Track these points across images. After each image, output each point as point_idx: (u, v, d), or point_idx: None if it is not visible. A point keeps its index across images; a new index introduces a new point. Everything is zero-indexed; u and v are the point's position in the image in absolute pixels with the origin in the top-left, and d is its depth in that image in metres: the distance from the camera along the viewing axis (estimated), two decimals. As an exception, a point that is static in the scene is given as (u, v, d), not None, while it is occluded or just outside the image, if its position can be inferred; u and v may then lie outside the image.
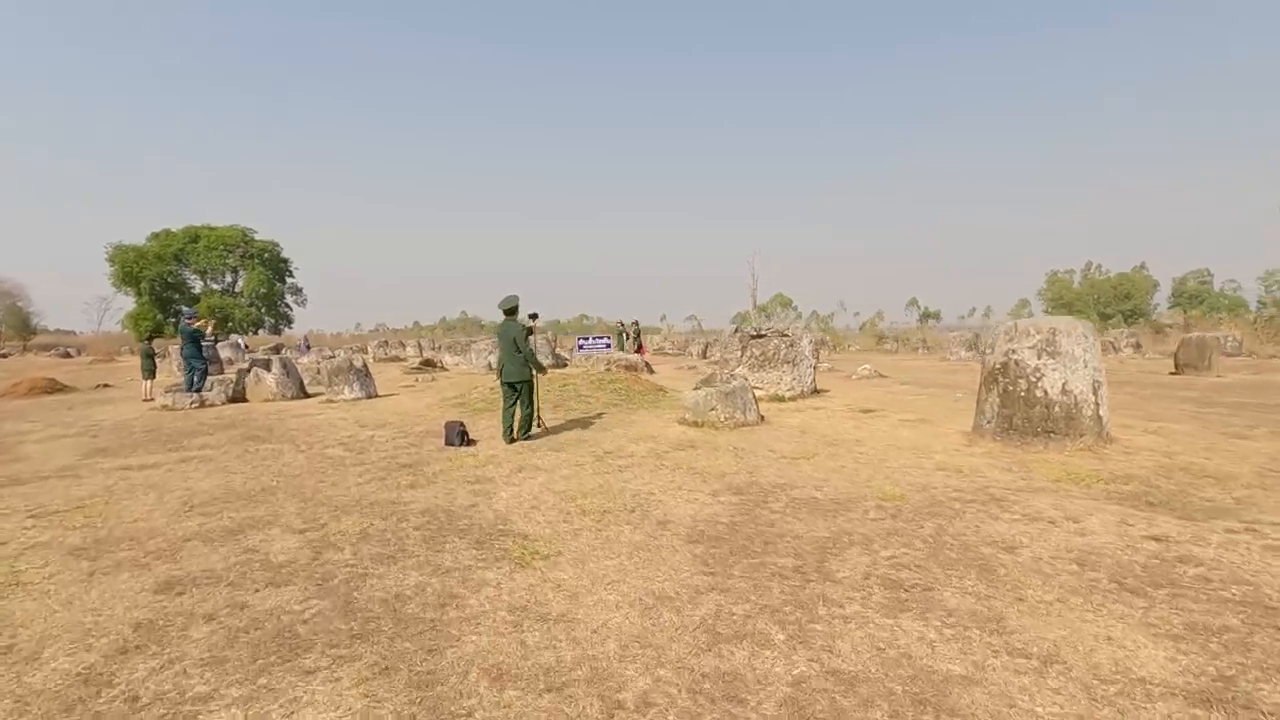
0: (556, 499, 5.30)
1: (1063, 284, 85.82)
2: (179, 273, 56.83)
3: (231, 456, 7.70)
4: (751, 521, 4.56)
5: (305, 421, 10.29)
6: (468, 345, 23.78)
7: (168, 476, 6.72)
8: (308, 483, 6.22)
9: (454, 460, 6.92)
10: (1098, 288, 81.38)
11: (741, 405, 8.38)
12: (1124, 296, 78.22)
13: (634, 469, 6.24)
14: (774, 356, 10.76)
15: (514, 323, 7.97)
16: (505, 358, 7.98)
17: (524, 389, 7.95)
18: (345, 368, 13.15)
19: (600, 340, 11.38)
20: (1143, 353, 24.56)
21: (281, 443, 8.50)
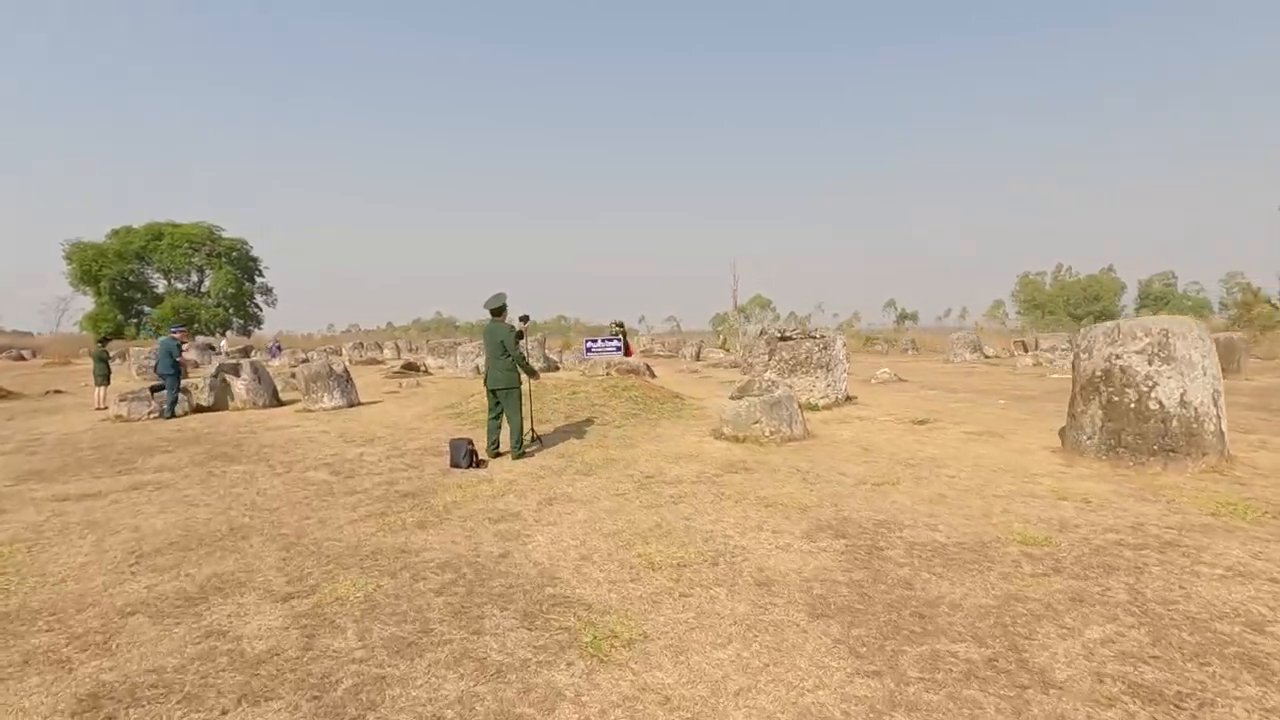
0: (610, 544, 4.21)
1: (1034, 285, 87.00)
2: (141, 272, 54.27)
3: (194, 481, 6.47)
4: (878, 579, 3.53)
5: (281, 435, 9.03)
6: (452, 347, 22.47)
7: (113, 510, 5.49)
8: (288, 519, 5.05)
9: (465, 487, 5.79)
10: (1068, 289, 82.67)
11: (787, 418, 7.37)
12: (1093, 298, 79.53)
13: (689, 499, 5.17)
14: (806, 360, 9.78)
15: (501, 323, 6.91)
16: (491, 361, 6.90)
17: (509, 397, 6.85)
18: (324, 373, 11.88)
19: (610, 342, 10.37)
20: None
21: (254, 463, 7.26)
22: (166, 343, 11.78)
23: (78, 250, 50.44)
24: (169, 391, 11.38)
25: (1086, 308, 76.10)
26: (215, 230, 55.53)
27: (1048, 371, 17.33)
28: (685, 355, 26.37)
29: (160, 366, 11.52)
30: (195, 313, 52.71)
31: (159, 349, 11.79)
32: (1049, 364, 19.36)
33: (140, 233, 53.03)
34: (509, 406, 6.89)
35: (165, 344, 11.74)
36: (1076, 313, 74.52)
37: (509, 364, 6.84)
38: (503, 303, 6.92)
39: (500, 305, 6.92)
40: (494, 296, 6.95)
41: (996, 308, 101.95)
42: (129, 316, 53.20)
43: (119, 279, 51.69)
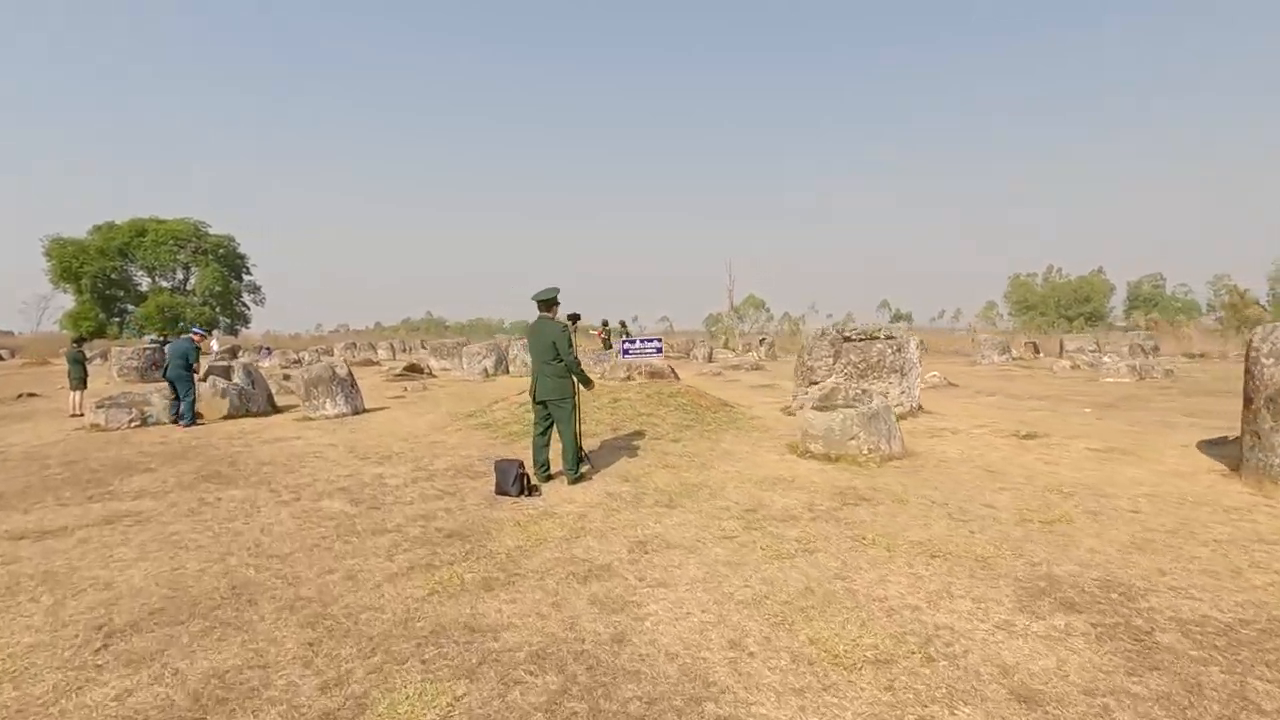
0: (758, 621, 3.09)
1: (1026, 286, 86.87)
2: (124, 269, 52.47)
3: (181, 512, 5.28)
4: (1193, 691, 2.43)
5: (281, 449, 7.84)
6: (456, 349, 21.25)
7: (80, 555, 4.30)
8: (307, 572, 3.89)
9: (525, 525, 4.65)
10: (1059, 290, 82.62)
11: (885, 432, 6.29)
12: (1084, 299, 79.54)
13: (823, 546, 4.06)
14: (878, 364, 8.70)
15: (551, 320, 5.77)
16: (539, 367, 5.77)
17: (562, 410, 5.72)
18: (326, 377, 10.67)
19: (650, 343, 9.27)
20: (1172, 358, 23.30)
21: (253, 486, 6.08)
22: (182, 344, 10.50)
23: (57, 246, 48.63)
24: (184, 398, 10.13)
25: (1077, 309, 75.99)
26: (201, 226, 53.80)
27: (1095, 375, 16.37)
28: (697, 356, 25.29)
29: (170, 371, 10.19)
30: (180, 311, 51.01)
31: (170, 351, 10.42)
32: (1088, 366, 18.44)
33: (123, 229, 51.24)
34: (561, 420, 5.74)
35: (180, 346, 10.45)
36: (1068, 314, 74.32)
37: (561, 370, 5.70)
38: (554, 295, 5.79)
39: (551, 298, 5.78)
40: (543, 290, 5.81)
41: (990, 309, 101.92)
42: (111, 315, 51.43)
43: (101, 276, 49.92)
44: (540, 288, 5.87)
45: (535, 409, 5.85)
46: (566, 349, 5.66)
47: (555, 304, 5.84)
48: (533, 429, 5.91)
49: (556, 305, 5.85)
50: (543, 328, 5.72)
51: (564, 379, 5.70)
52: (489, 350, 17.98)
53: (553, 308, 5.83)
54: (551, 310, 5.83)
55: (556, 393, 5.66)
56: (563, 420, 5.71)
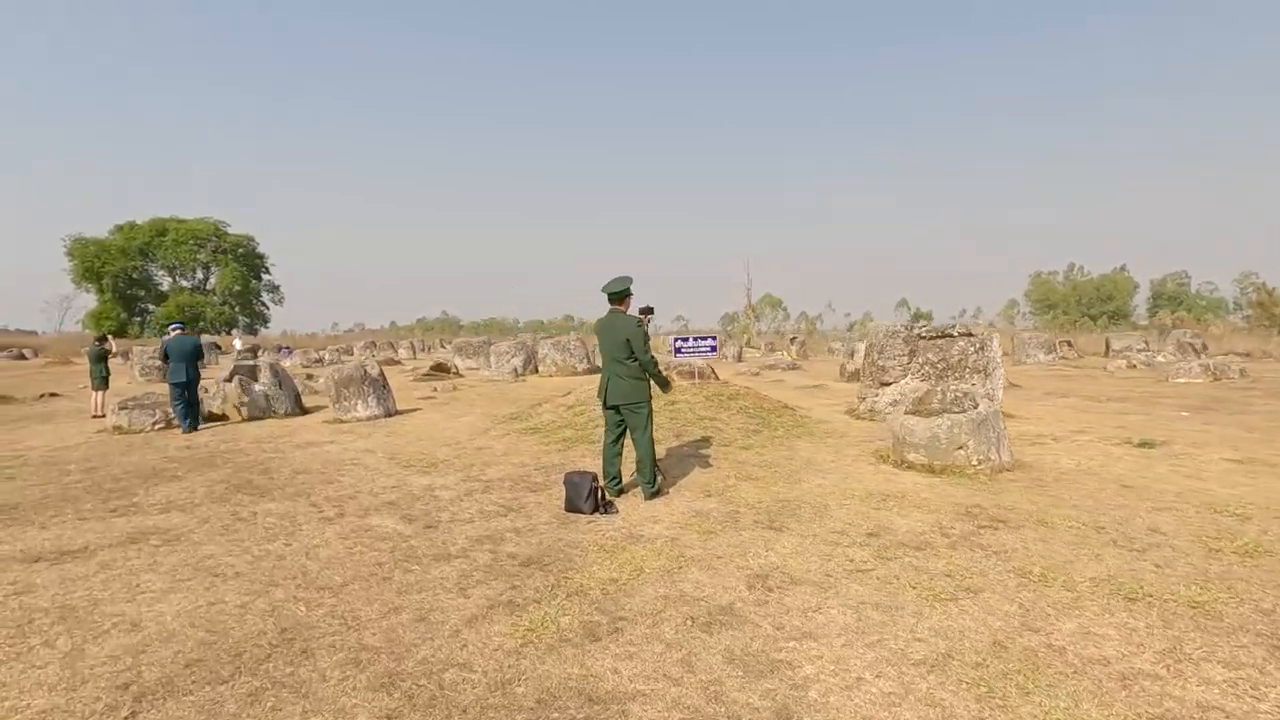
0: (956, 694, 2.42)
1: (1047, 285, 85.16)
2: (145, 269, 52.65)
3: (214, 530, 4.69)
4: None
5: (316, 456, 7.26)
6: (483, 347, 20.71)
7: (102, 585, 3.71)
8: (367, 610, 3.26)
9: (611, 550, 4.00)
10: (1080, 289, 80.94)
11: (994, 440, 5.58)
12: (1106, 298, 77.84)
13: (981, 584, 3.38)
14: (959, 364, 7.96)
15: (624, 315, 5.11)
16: (607, 366, 5.11)
17: (636, 416, 5.05)
18: (357, 377, 10.10)
19: (704, 341, 8.62)
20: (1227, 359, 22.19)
21: (291, 498, 5.49)
22: (190, 340, 9.82)
23: (80, 246, 48.85)
24: (184, 401, 9.43)
25: (1100, 307, 74.37)
26: (221, 226, 53.88)
27: (1158, 374, 15.45)
28: (727, 355, 24.58)
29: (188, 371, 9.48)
30: (201, 311, 51.08)
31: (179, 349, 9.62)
32: (1144, 365, 17.51)
33: (144, 228, 51.40)
34: (636, 427, 5.08)
35: (190, 341, 9.79)
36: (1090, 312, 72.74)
37: (635, 370, 5.04)
38: (626, 287, 5.13)
39: (623, 290, 5.13)
40: (615, 280, 5.16)
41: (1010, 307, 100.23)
42: (133, 314, 51.63)
43: (122, 276, 50.10)
44: (610, 278, 5.21)
45: (606, 414, 5.20)
46: (642, 347, 5.00)
47: (628, 296, 5.19)
48: (604, 436, 5.25)
49: (629, 298, 5.20)
50: (614, 323, 5.06)
51: (639, 381, 5.05)
52: (517, 349, 17.40)
53: (625, 300, 5.18)
54: (624, 303, 5.18)
55: (631, 396, 5.00)
56: (638, 427, 5.05)
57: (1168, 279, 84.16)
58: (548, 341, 17.41)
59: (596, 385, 5.54)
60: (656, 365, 5.14)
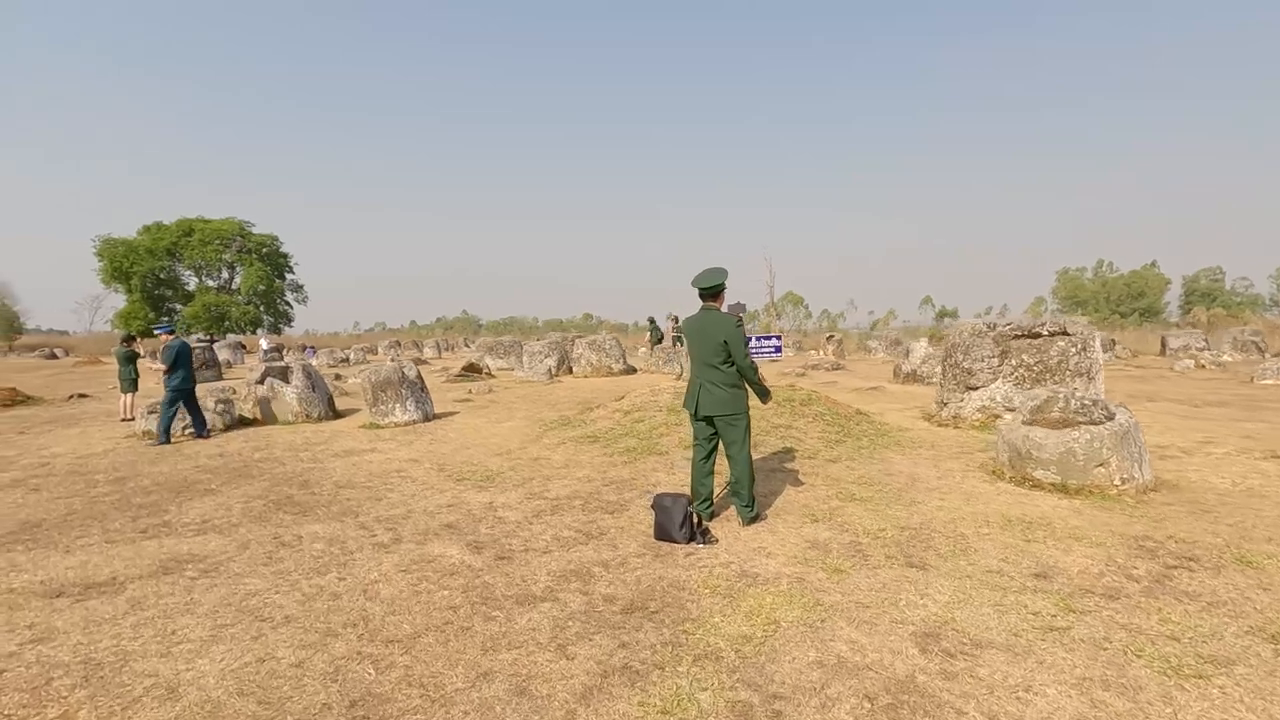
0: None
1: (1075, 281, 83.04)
2: (172, 268, 53.03)
3: (257, 558, 4.11)
4: None
5: (358, 467, 6.69)
6: (514, 347, 20.20)
7: (132, 632, 3.14)
8: (451, 679, 2.64)
9: (728, 594, 3.34)
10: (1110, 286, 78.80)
11: (1137, 456, 4.83)
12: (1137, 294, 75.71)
13: (1233, 655, 2.67)
14: (1058, 366, 7.19)
15: (717, 312, 4.44)
16: (699, 372, 4.43)
17: (733, 429, 4.37)
18: (395, 380, 9.56)
19: (768, 341, 7.96)
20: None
21: (337, 519, 4.91)
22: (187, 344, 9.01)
23: (108, 247, 49.28)
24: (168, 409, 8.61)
25: (1130, 304, 72.34)
26: (245, 226, 54.09)
27: (1239, 374, 14.45)
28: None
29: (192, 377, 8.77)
30: (226, 310, 51.34)
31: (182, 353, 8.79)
32: (1215, 366, 16.47)
33: (171, 229, 51.75)
34: (732, 442, 4.40)
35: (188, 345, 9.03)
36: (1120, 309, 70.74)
37: (732, 377, 4.36)
38: (721, 281, 4.46)
39: (717, 285, 4.46)
40: (708, 272, 4.50)
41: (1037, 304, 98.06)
42: (160, 314, 52.01)
43: (150, 276, 50.49)
44: (701, 271, 4.55)
45: (695, 426, 4.54)
46: (741, 350, 4.34)
47: (723, 291, 4.52)
48: (694, 452, 4.59)
49: (724, 293, 4.53)
50: (709, 322, 4.39)
51: (737, 389, 4.38)
52: (550, 349, 16.82)
53: (719, 296, 4.52)
54: (718, 299, 4.52)
55: (728, 406, 4.33)
56: (735, 442, 4.38)
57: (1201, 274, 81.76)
58: (583, 341, 16.81)
59: (640, 387, 4.91)
60: (757, 371, 4.47)
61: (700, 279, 4.47)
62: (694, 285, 4.51)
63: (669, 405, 7.67)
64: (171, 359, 8.59)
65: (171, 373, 8.58)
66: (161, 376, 8.71)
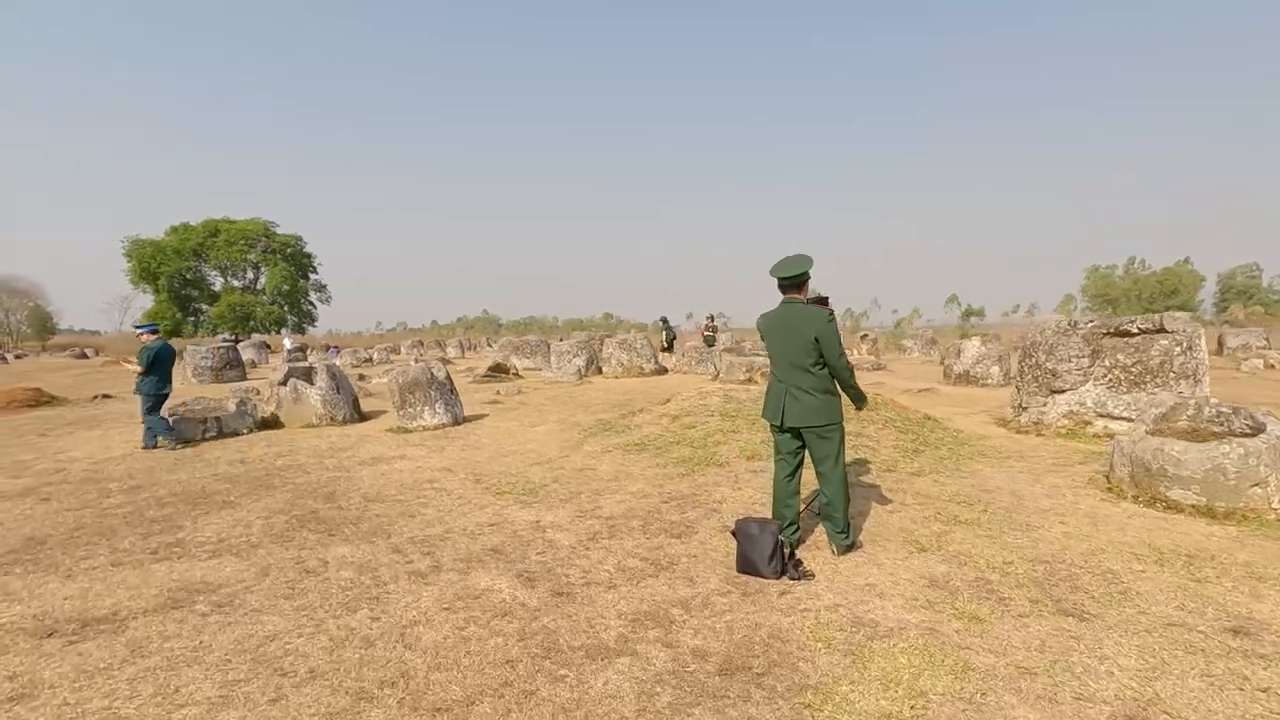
0: None
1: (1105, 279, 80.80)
2: (198, 269, 53.48)
3: (277, 590, 3.57)
4: None
5: (388, 476, 6.16)
6: (539, 347, 19.69)
7: (128, 687, 2.62)
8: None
9: (846, 650, 2.71)
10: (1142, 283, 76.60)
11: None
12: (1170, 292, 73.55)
13: None
14: (1160, 367, 6.42)
15: (803, 305, 3.79)
16: (783, 375, 3.79)
17: (825, 443, 3.72)
18: (424, 381, 9.04)
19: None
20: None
21: (367, 538, 4.36)
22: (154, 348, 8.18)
23: (137, 247, 49.80)
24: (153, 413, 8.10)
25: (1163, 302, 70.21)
26: (270, 226, 54.38)
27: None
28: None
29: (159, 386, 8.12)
30: (251, 310, 51.65)
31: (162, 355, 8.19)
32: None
33: (198, 229, 52.16)
34: (824, 457, 3.75)
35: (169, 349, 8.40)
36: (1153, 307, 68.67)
37: (824, 381, 3.72)
38: (805, 270, 3.82)
39: (801, 274, 3.82)
40: (790, 260, 3.86)
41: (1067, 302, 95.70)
42: (187, 314, 52.53)
43: (177, 276, 50.94)
44: (781, 258, 3.92)
45: (778, 439, 3.91)
46: (836, 348, 3.69)
47: (807, 281, 3.88)
48: (775, 468, 3.95)
49: (806, 283, 3.89)
50: (795, 317, 3.75)
51: (830, 395, 3.74)
52: (579, 348, 16.27)
53: (803, 287, 3.88)
54: (801, 290, 3.88)
55: (820, 416, 3.69)
56: (828, 457, 3.74)
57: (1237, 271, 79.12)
58: (612, 340, 16.23)
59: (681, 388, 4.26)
60: (853, 374, 3.82)
61: (781, 267, 3.84)
62: (774, 275, 3.88)
63: (721, 409, 7.04)
64: (148, 361, 8.04)
65: (147, 375, 8.03)
66: (135, 378, 8.12)
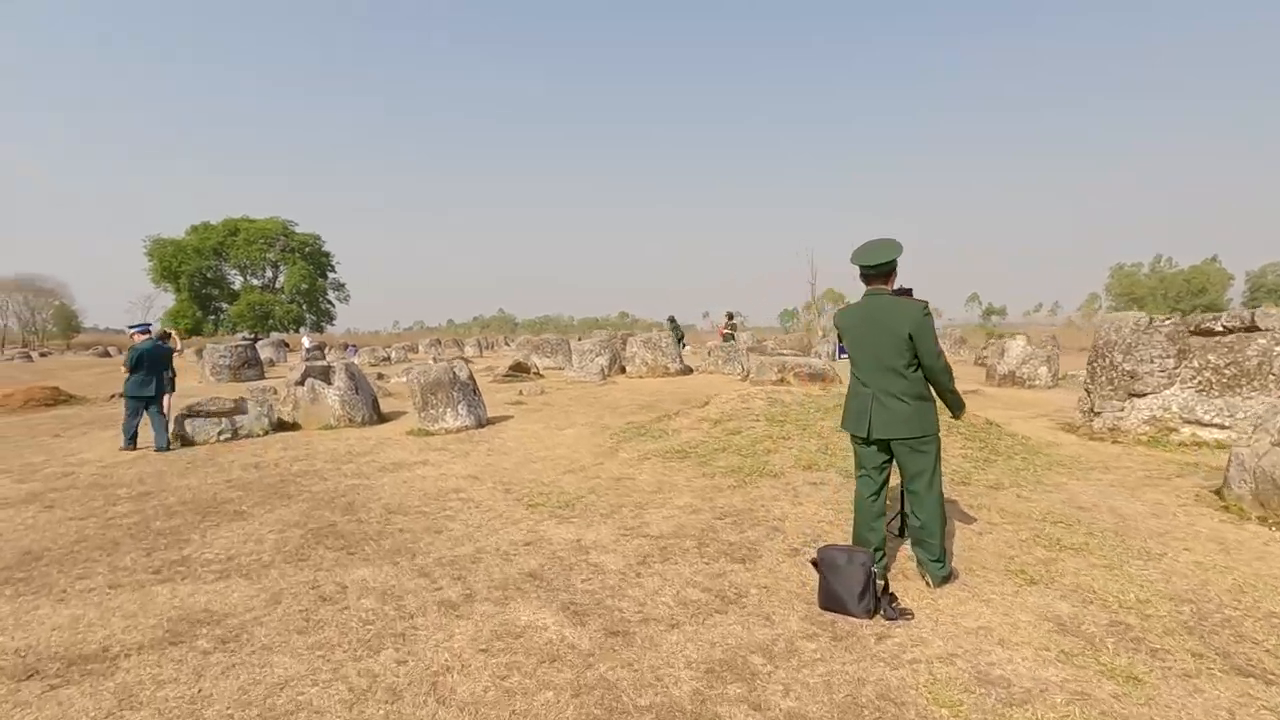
0: None
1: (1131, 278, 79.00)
2: (218, 268, 53.81)
3: (289, 623, 3.11)
4: None
5: (411, 485, 5.71)
6: (559, 345, 19.27)
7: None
8: None
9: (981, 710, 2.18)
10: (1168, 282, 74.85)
11: None
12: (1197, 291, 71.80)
13: None
14: (1259, 370, 5.80)
15: (891, 297, 3.27)
16: (869, 379, 3.27)
17: (920, 456, 3.21)
18: (446, 382, 8.61)
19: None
20: None
21: (390, 558, 3.90)
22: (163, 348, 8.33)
23: (158, 247, 50.18)
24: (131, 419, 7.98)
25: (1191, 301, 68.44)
26: (289, 225, 54.57)
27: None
28: (820, 354, 22.39)
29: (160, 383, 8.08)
30: (270, 309, 51.85)
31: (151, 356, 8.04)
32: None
33: (218, 229, 52.46)
34: (918, 473, 3.23)
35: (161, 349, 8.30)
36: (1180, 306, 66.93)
37: (918, 385, 3.19)
38: (893, 258, 3.29)
39: (888, 263, 3.29)
40: (874, 245, 3.34)
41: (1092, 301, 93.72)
42: (207, 313, 52.88)
43: (197, 275, 51.27)
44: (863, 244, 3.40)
45: (861, 452, 3.38)
46: (933, 347, 3.16)
47: (894, 270, 3.36)
48: (859, 486, 3.43)
49: (893, 273, 3.36)
50: (882, 310, 3.23)
51: (924, 401, 3.21)
52: (601, 347, 15.81)
53: (890, 277, 3.35)
54: (888, 280, 3.35)
55: (914, 426, 3.16)
56: (922, 473, 3.21)
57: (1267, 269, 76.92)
58: (635, 339, 15.75)
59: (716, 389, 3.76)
60: (952, 376, 3.29)
61: (864, 253, 3.32)
62: (856, 263, 3.36)
63: (766, 414, 6.52)
64: (132, 361, 7.94)
65: (132, 374, 7.95)
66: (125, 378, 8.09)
